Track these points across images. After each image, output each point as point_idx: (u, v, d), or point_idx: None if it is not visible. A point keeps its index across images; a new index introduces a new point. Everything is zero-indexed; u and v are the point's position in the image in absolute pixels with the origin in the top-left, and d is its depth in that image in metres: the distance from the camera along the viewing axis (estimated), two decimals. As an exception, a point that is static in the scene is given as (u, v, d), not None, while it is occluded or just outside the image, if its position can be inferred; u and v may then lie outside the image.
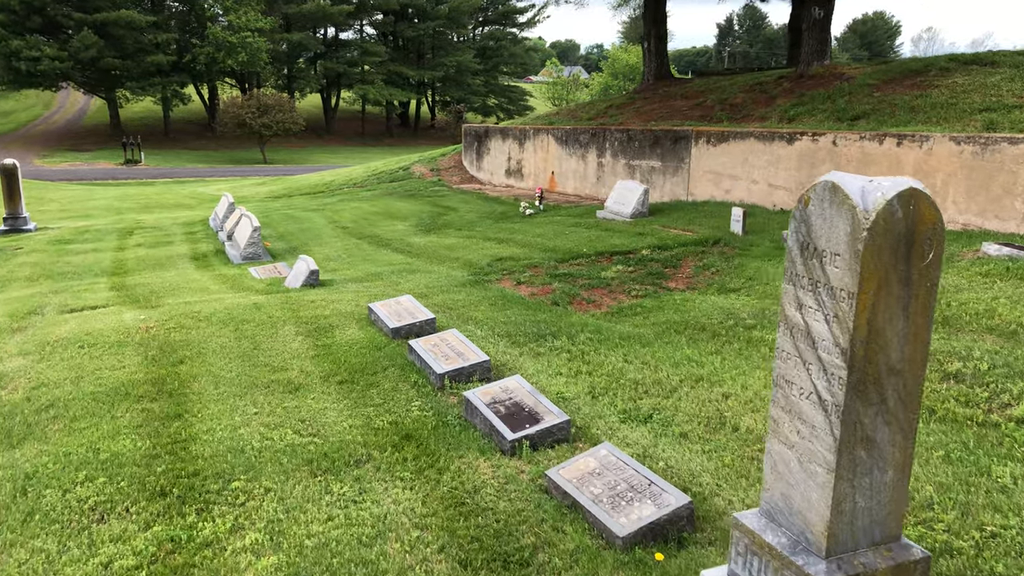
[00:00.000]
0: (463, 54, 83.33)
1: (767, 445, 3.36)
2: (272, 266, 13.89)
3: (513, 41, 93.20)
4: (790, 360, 3.19)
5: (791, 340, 3.18)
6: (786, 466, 3.23)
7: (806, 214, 3.09)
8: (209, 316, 9.20)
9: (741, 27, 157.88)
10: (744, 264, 11.18)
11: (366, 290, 11.17)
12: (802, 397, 3.14)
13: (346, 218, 20.15)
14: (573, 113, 24.58)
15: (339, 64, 77.06)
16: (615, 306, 10.05)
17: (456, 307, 9.84)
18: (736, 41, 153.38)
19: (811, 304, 3.05)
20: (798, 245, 3.13)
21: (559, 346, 7.94)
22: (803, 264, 3.09)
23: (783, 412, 3.25)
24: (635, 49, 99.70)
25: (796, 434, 3.17)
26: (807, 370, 3.09)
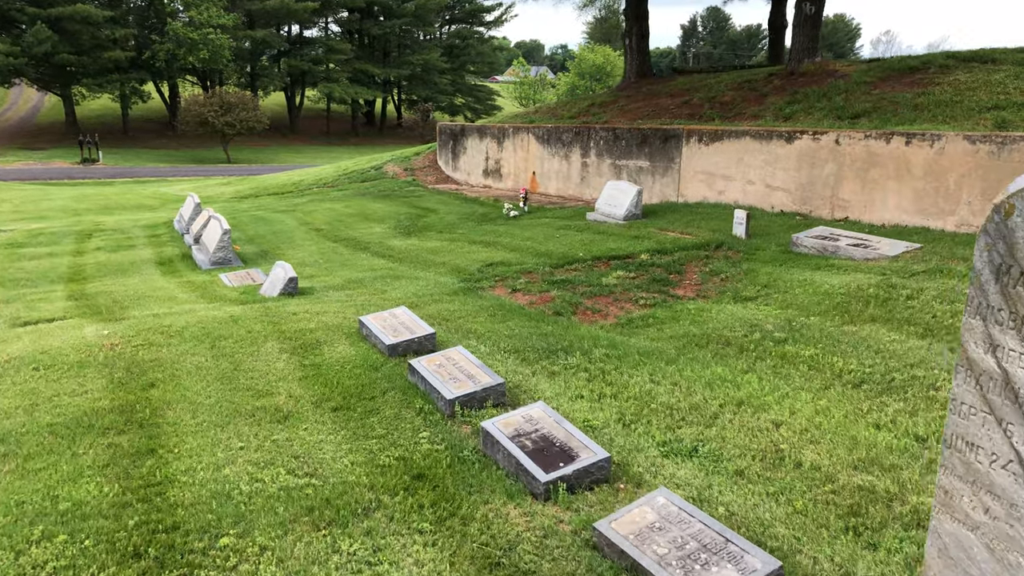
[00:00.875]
0: (430, 52, 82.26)
1: (932, 522, 2.63)
2: (245, 272, 12.97)
3: (480, 40, 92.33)
4: (975, 417, 2.46)
5: (977, 391, 2.44)
6: (965, 552, 2.50)
7: (1007, 228, 2.34)
8: (181, 331, 8.31)
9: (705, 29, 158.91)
10: (754, 270, 10.53)
11: (350, 299, 10.34)
12: (995, 466, 2.41)
13: (319, 220, 19.24)
14: (553, 111, 23.87)
15: (303, 62, 75.55)
16: (624, 316, 9.33)
17: (452, 318, 9.06)
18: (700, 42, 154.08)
19: (1014, 346, 2.32)
20: (992, 268, 2.38)
21: (574, 364, 7.20)
22: (1000, 293, 2.35)
23: (962, 483, 2.52)
24: (601, 49, 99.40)
25: (984, 512, 2.45)
26: (1005, 432, 2.36)
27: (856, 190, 13.01)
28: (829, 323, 7.93)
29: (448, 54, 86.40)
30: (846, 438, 5.40)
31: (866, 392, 6.21)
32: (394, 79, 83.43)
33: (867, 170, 12.78)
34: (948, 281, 8.76)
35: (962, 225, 11.57)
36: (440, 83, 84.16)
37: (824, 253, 10.68)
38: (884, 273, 9.47)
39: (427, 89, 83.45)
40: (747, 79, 18.90)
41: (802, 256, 10.86)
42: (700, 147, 15.87)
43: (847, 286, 9.09)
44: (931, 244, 10.70)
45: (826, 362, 6.89)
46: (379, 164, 28.76)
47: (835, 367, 6.76)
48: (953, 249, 10.26)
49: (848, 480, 4.84)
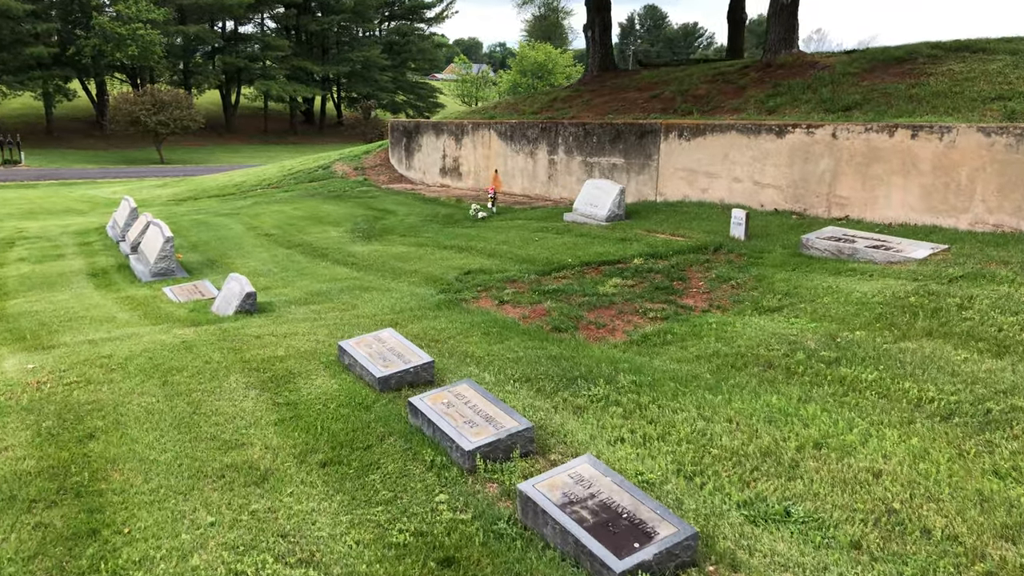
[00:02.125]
0: (370, 49, 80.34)
1: None
2: (192, 285, 11.57)
3: (421, 37, 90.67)
4: None
5: None
6: None
7: None
8: (125, 362, 6.98)
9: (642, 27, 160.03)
10: (766, 276, 9.59)
11: (319, 317, 9.09)
12: None
13: (268, 223, 17.81)
14: (513, 107, 22.77)
15: (239, 59, 72.94)
16: (635, 332, 8.29)
17: (441, 339, 7.89)
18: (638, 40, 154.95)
19: None
20: None
21: (601, 395, 6.11)
22: None
23: None
24: (543, 47, 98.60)
25: None
26: None
27: (855, 187, 12.21)
28: (879, 339, 7.00)
29: (389, 51, 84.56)
30: (969, 493, 4.42)
31: (962, 428, 5.25)
32: (333, 76, 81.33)
33: (868, 165, 11.97)
34: (998, 288, 7.92)
35: (977, 223, 10.83)
36: (381, 80, 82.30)
37: (840, 256, 9.81)
38: (917, 278, 8.61)
39: (368, 86, 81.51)
40: (720, 72, 18.07)
41: (816, 260, 9.97)
42: (680, 143, 14.94)
43: (881, 294, 8.19)
44: (957, 245, 9.90)
45: (896, 388, 5.93)
46: (327, 163, 27.28)
47: (909, 395, 5.80)
48: (984, 250, 9.47)
49: (1002, 556, 3.85)
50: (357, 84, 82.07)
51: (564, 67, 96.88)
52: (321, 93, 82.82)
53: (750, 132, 13.65)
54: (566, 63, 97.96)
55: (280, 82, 73.60)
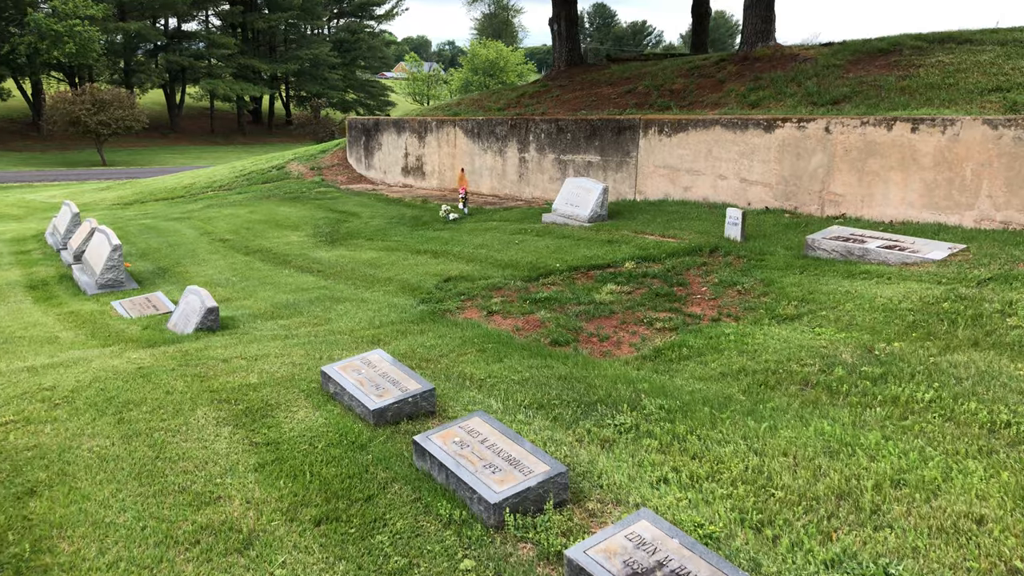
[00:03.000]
0: (319, 47, 78.61)
1: None
2: (144, 299, 10.55)
3: (371, 35, 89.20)
4: None
5: None
6: None
7: None
8: (71, 396, 6.03)
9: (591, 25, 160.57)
10: (774, 280, 8.95)
11: (290, 334, 8.20)
12: None
13: (222, 228, 16.74)
14: (478, 103, 21.93)
15: (183, 57, 70.72)
16: (643, 345, 7.56)
17: (433, 357, 7.08)
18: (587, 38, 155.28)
19: None
20: None
21: (629, 424, 5.36)
22: None
23: None
24: (494, 44, 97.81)
25: None
26: None
27: (851, 183, 11.67)
28: (922, 351, 6.36)
29: (338, 49, 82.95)
30: (1098, 544, 3.76)
31: (1054, 458, 4.61)
32: (282, 75, 79.44)
33: (864, 160, 11.44)
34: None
35: (983, 220, 10.34)
36: (331, 79, 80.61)
37: (849, 257, 9.21)
38: (942, 281, 8.03)
39: (317, 85, 79.75)
40: (696, 65, 17.48)
41: (824, 261, 9.36)
42: (661, 139, 14.29)
43: (908, 299, 7.59)
44: (975, 244, 9.36)
45: (962, 410, 5.29)
46: (281, 163, 26.13)
47: (979, 418, 5.16)
48: (1006, 250, 8.95)
49: None
50: (306, 83, 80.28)
51: (516, 65, 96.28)
52: (269, 92, 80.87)
53: (736, 127, 13.04)
54: (518, 61, 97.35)
55: (227, 81, 71.55)
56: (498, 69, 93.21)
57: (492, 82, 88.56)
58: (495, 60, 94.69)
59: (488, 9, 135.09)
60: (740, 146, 13.02)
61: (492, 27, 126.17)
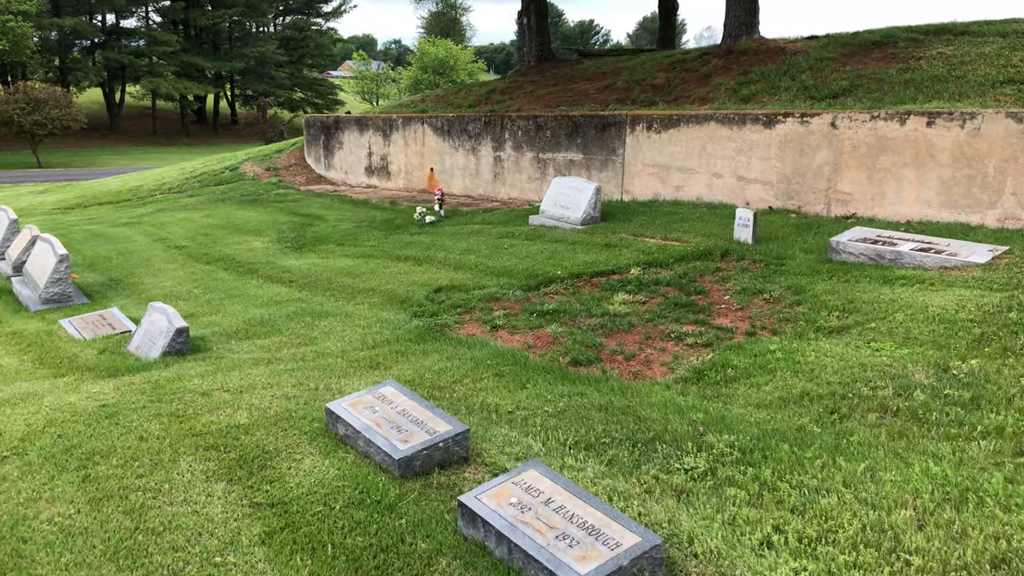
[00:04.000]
0: (265, 45, 76.59)
1: None
2: (97, 316, 9.43)
3: (319, 32, 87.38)
4: None
5: None
6: None
7: None
8: (21, 445, 5.01)
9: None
10: (803, 287, 8.23)
11: (273, 357, 7.23)
12: None
13: (177, 234, 15.54)
14: (444, 99, 20.98)
15: (123, 55, 68.12)
16: (677, 364, 6.76)
17: (445, 384, 6.19)
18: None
19: None
20: None
21: (701, 468, 4.55)
22: None
23: None
24: (443, 43, 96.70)
25: None
26: None
27: (860, 181, 11.06)
28: (1006, 369, 5.67)
29: (285, 46, 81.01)
30: None
31: None
32: (226, 73, 77.31)
33: (875, 157, 10.83)
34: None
35: (1007, 219, 9.79)
36: (278, 77, 78.63)
37: (880, 261, 8.54)
38: (993, 287, 7.39)
39: (264, 83, 77.65)
40: (677, 60, 16.80)
41: (852, 266, 8.68)
42: (650, 135, 13.54)
43: (964, 308, 6.92)
44: (1019, 246, 8.76)
45: (1085, 443, 4.58)
46: (234, 164, 24.82)
47: (1109, 452, 4.45)
48: (1051, 252, 8.37)
49: None
50: (252, 81, 78.17)
51: (466, 64, 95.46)
52: (214, 91, 78.54)
53: (733, 123, 12.35)
54: (468, 59, 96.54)
55: (169, 80, 69.17)
56: (448, 68, 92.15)
57: (442, 81, 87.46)
58: (444, 59, 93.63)
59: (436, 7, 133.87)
60: (737, 142, 12.33)
61: (440, 26, 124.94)
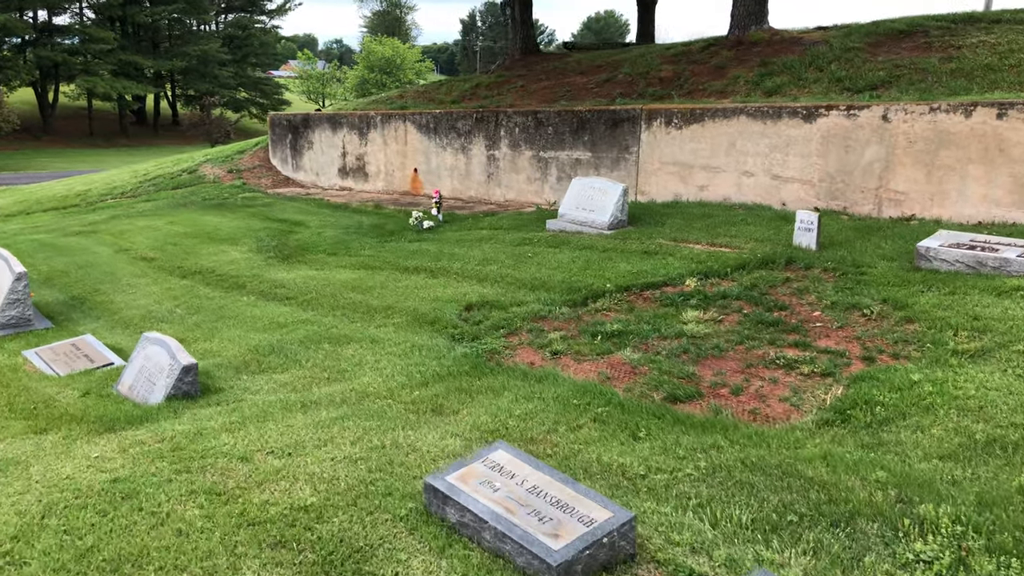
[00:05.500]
0: (207, 43, 73.91)
1: None
2: (69, 346, 7.99)
3: (263, 30, 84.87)
4: None
5: None
6: None
7: None
8: (16, 549, 3.70)
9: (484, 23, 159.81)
10: (901, 300, 7.24)
11: (303, 399, 5.96)
12: None
13: (142, 244, 14.00)
14: (425, 95, 19.66)
15: (56, 52, 64.85)
16: (801, 400, 5.68)
17: (536, 436, 5.02)
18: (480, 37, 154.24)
19: None
20: None
21: (940, 559, 3.47)
22: None
23: None
24: (390, 41, 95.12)
25: None
26: None
27: (917, 179, 10.17)
28: None
29: (228, 45, 78.40)
30: None
31: None
32: (167, 72, 74.41)
33: (935, 153, 9.95)
34: None
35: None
36: (221, 76, 75.98)
37: (981, 270, 7.60)
38: None
39: (207, 83, 74.87)
40: (681, 52, 15.82)
41: (950, 275, 7.72)
42: (669, 131, 12.50)
43: (1121, 326, 5.98)
44: None
45: None
46: (192, 166, 23.11)
47: None
48: None
49: None
50: (194, 81, 75.39)
51: (414, 63, 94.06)
52: (154, 91, 75.48)
53: (767, 117, 11.37)
54: (415, 59, 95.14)
55: (106, 79, 66.12)
56: (395, 67, 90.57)
57: (389, 80, 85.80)
58: (391, 58, 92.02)
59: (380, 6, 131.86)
60: (772, 138, 11.36)
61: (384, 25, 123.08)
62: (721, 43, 15.37)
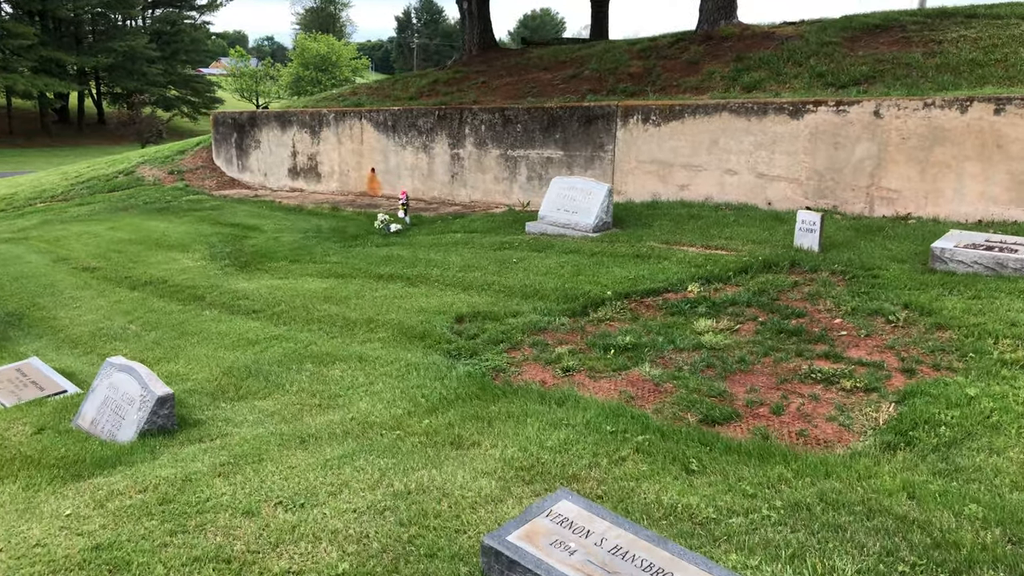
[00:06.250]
0: (134, 38, 71.23)
1: None
2: (14, 371, 7.11)
3: (193, 26, 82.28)
4: None
5: None
6: None
7: None
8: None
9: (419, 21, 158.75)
10: (926, 305, 6.87)
11: (298, 432, 5.28)
12: None
13: (82, 252, 12.98)
14: (380, 92, 18.87)
15: (-29, 48, 61.91)
16: (849, 419, 5.23)
17: (579, 473, 4.48)
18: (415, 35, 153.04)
19: None
20: None
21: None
22: None
23: None
24: (325, 38, 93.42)
25: None
26: None
27: (911, 176, 9.90)
28: None
29: (156, 41, 75.71)
30: None
31: None
32: (91, 69, 71.50)
33: (929, 149, 9.69)
34: None
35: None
36: (150, 73, 73.34)
37: (1002, 271, 7.30)
38: None
39: (134, 80, 72.20)
40: (646, 47, 15.40)
41: (968, 277, 7.40)
42: (647, 129, 12.04)
43: None
44: None
45: None
46: (128, 167, 21.86)
47: None
48: None
49: None
50: (121, 78, 72.63)
51: (350, 60, 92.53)
52: (78, 88, 72.46)
53: (751, 113, 10.99)
54: (351, 55, 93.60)
55: (26, 76, 63.16)
56: (330, 64, 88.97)
57: (325, 78, 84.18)
58: (326, 55, 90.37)
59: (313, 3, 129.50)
60: (757, 135, 11.00)
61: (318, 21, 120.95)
62: (690, 38, 15.00)
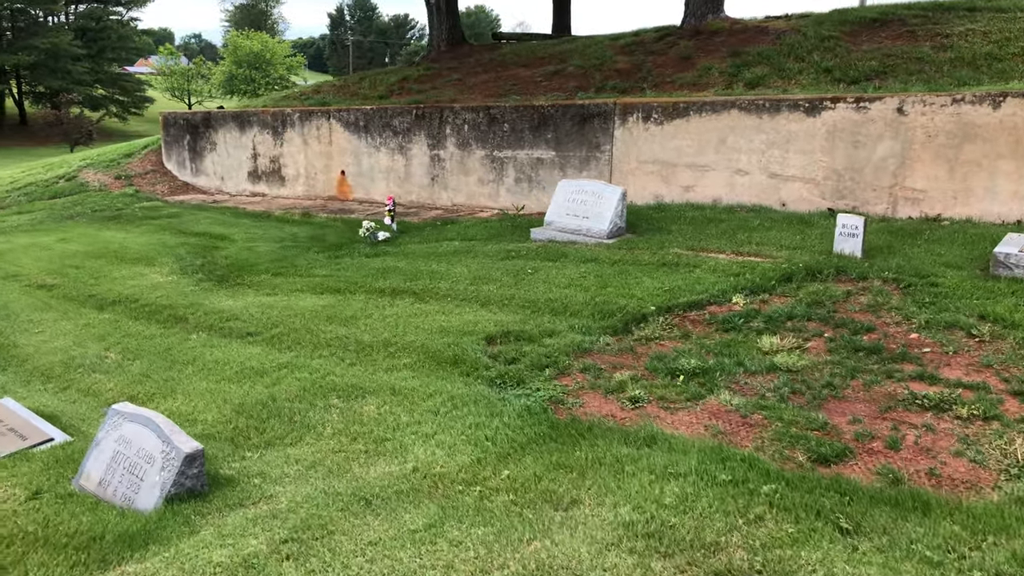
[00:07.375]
0: (58, 35, 68.14)
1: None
2: (-15, 416, 6.11)
3: (120, 23, 79.19)
4: None
5: None
6: None
7: None
8: None
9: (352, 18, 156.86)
10: (1004, 317, 6.42)
11: (353, 490, 4.52)
12: None
13: (33, 267, 11.81)
14: (346, 90, 17.89)
15: None
16: (986, 456, 4.68)
17: (718, 542, 3.84)
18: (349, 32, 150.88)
19: None
20: None
21: None
22: None
23: None
24: (258, 36, 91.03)
25: None
26: None
27: (939, 176, 9.49)
28: None
29: (82, 38, 72.60)
30: None
31: None
32: (11, 68, 68.12)
33: (958, 147, 9.29)
34: None
35: None
36: (75, 72, 70.22)
37: (1073, 278, 6.87)
38: None
39: (59, 79, 69.00)
40: (631, 42, 14.83)
41: (1038, 285, 6.96)
42: (648, 127, 11.44)
43: None
44: None
45: None
46: (70, 172, 20.41)
47: None
48: None
49: None
50: (44, 76, 69.36)
51: (284, 58, 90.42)
52: (-2, 88, 69.11)
53: (763, 110, 10.48)
54: (285, 53, 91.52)
55: (-58, 75, 59.96)
56: (264, 62, 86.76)
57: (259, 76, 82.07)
58: (260, 52, 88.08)
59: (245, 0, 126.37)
60: (769, 133, 10.49)
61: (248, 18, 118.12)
62: (677, 32, 14.48)
